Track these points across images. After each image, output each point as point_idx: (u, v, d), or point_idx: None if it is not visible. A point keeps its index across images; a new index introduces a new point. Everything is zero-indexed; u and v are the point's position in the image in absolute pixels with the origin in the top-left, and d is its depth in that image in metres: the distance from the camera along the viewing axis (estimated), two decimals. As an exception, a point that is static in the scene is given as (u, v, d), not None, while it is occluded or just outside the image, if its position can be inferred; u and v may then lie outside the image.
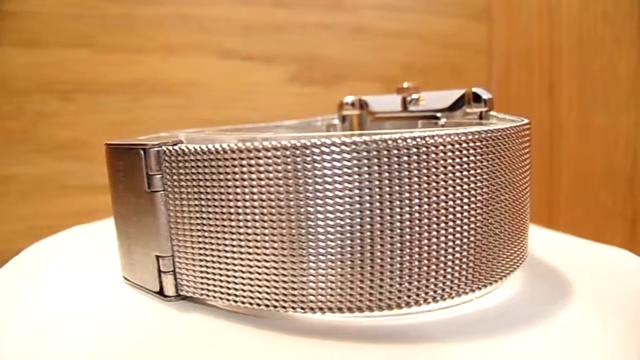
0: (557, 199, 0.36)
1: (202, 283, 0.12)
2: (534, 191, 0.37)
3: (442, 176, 0.11)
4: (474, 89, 0.16)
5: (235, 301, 0.12)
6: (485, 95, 0.16)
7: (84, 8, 0.31)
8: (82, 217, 0.32)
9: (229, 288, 0.12)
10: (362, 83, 0.38)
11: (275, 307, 0.11)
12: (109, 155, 0.14)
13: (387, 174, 0.10)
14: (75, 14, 0.31)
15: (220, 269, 0.12)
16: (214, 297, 0.12)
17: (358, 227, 0.10)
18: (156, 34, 0.33)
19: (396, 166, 0.10)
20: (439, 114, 0.18)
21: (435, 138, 0.10)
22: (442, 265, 0.11)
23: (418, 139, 0.10)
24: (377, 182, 0.10)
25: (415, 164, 0.10)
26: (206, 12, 0.34)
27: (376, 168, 0.10)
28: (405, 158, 0.10)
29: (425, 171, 0.10)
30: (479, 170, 0.11)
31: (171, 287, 0.13)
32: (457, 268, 0.11)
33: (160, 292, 0.13)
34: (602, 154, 0.32)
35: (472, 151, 0.11)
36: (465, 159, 0.11)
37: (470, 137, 0.11)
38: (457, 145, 0.11)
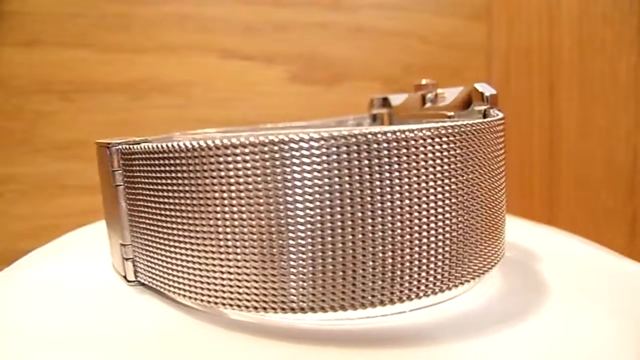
0: (558, 198, 0.36)
1: (152, 274, 0.13)
2: (534, 191, 0.38)
3: (415, 171, 0.11)
4: (476, 85, 0.16)
5: (195, 298, 0.12)
6: (487, 92, 0.15)
7: (83, 8, 0.31)
8: (82, 217, 0.32)
9: (183, 284, 0.12)
10: (362, 82, 0.38)
11: (255, 308, 0.11)
12: (96, 153, 0.15)
13: (359, 169, 0.10)
14: (74, 13, 0.31)
15: (172, 263, 0.12)
16: (168, 290, 0.13)
17: (339, 224, 0.10)
18: (156, 34, 0.33)
19: (366, 162, 0.10)
20: (451, 112, 0.18)
21: (406, 133, 0.10)
22: (419, 262, 0.11)
23: (388, 134, 0.10)
24: (357, 177, 0.10)
25: (386, 159, 0.10)
26: (206, 12, 0.34)
27: (353, 163, 0.10)
28: (376, 153, 0.10)
29: (396, 166, 0.10)
30: (450, 166, 0.11)
31: (131, 273, 0.14)
32: (431, 265, 0.11)
33: (125, 277, 0.14)
34: (603, 153, 0.32)
35: (444, 146, 0.11)
36: (436, 154, 0.11)
37: (436, 132, 0.11)
38: (429, 140, 0.11)
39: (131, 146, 0.13)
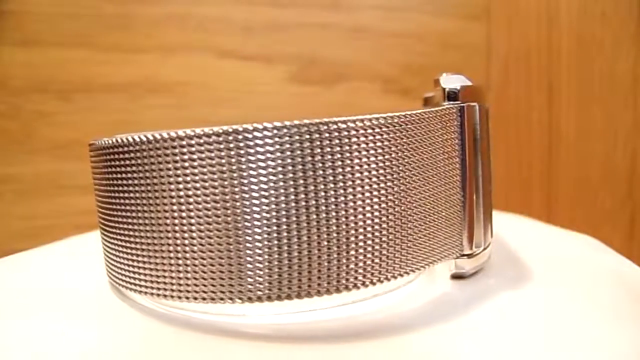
0: (556, 199, 0.36)
1: (106, 254, 0.14)
2: (532, 191, 0.38)
3: (366, 159, 0.11)
4: (440, 78, 0.15)
5: (147, 292, 0.12)
6: (447, 85, 0.14)
7: (82, 7, 0.32)
8: (81, 217, 0.32)
9: (135, 277, 0.12)
10: (361, 83, 0.38)
11: (212, 299, 0.11)
12: None
13: (312, 157, 0.10)
14: (73, 13, 0.31)
15: (125, 258, 0.12)
16: (121, 283, 0.13)
17: (293, 211, 0.10)
18: (155, 34, 0.33)
19: (319, 150, 0.10)
20: None
21: (348, 123, 0.11)
22: (364, 250, 0.11)
23: (339, 124, 0.10)
24: (310, 165, 0.10)
25: (338, 148, 0.11)
26: (205, 12, 0.34)
27: (305, 152, 0.10)
28: (328, 142, 0.10)
29: (347, 155, 0.11)
30: (391, 155, 0.11)
31: None
32: (384, 252, 0.11)
33: None
34: (601, 154, 0.32)
35: (383, 136, 0.11)
36: (374, 144, 0.11)
37: (375, 122, 0.11)
38: (374, 130, 0.11)
39: (94, 142, 0.14)
